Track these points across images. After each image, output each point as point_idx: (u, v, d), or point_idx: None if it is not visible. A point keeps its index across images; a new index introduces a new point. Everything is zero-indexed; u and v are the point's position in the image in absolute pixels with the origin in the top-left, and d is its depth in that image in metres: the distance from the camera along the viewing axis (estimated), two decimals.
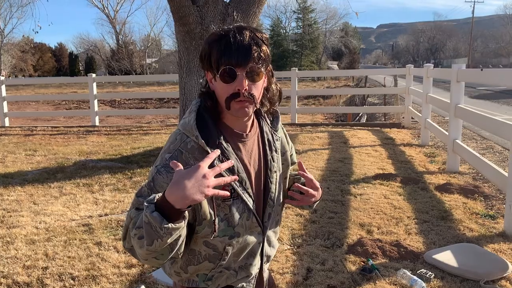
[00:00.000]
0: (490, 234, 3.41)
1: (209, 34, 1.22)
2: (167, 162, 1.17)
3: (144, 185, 1.20)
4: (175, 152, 1.19)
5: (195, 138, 1.19)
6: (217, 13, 5.50)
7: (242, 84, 1.15)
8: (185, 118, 1.24)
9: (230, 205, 1.23)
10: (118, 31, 52.51)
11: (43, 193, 4.76)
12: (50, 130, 9.93)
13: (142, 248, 1.08)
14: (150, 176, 1.20)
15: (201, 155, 1.17)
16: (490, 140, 7.34)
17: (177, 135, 1.22)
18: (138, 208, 1.14)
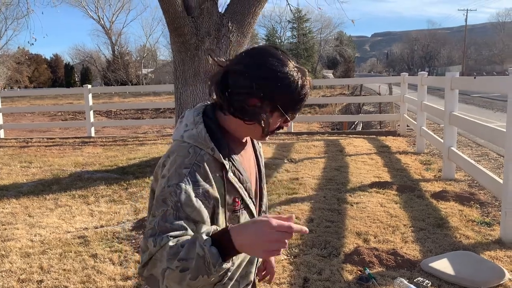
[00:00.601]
0: (487, 241, 3.42)
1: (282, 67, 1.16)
2: (188, 179, 1.12)
3: (167, 208, 1.10)
4: (192, 167, 1.14)
5: (210, 150, 1.16)
6: (212, 23, 5.53)
7: (288, 125, 1.33)
8: (191, 130, 1.19)
9: (239, 216, 1.24)
10: (113, 42, 52.70)
11: (38, 205, 4.74)
12: (45, 141, 9.90)
13: (182, 282, 1.01)
14: (171, 195, 1.11)
15: (216, 168, 1.17)
16: (485, 147, 7.38)
17: (189, 148, 1.17)
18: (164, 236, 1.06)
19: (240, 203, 1.23)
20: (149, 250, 1.06)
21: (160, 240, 1.05)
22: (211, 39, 5.54)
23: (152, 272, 1.08)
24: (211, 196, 1.15)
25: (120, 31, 55.73)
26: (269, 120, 1.19)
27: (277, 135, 9.51)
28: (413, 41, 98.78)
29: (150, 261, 1.07)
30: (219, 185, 1.17)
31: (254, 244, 0.98)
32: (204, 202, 1.13)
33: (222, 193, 1.18)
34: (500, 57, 67.37)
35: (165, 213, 1.10)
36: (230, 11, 5.63)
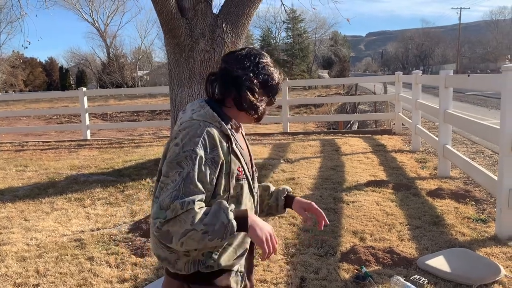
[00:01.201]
0: (482, 238, 3.43)
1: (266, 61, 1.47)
2: (200, 145, 1.31)
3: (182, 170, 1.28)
4: (204, 136, 1.32)
5: (217, 123, 1.38)
6: (206, 25, 5.53)
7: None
8: (198, 111, 1.39)
9: (242, 184, 1.42)
10: (108, 44, 52.53)
11: (34, 209, 4.72)
12: (41, 145, 9.86)
13: (200, 241, 1.24)
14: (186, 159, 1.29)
15: (223, 139, 1.37)
16: (480, 145, 7.41)
17: (199, 122, 1.36)
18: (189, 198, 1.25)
19: (242, 173, 1.42)
20: (175, 210, 1.23)
21: (187, 204, 1.24)
22: (205, 40, 5.53)
23: (170, 229, 1.24)
24: (217, 162, 1.33)
25: (115, 33, 55.47)
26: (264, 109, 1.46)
27: (273, 135, 9.52)
28: (408, 40, 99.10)
29: (172, 220, 1.24)
30: (226, 154, 1.36)
31: (259, 230, 1.31)
32: (211, 166, 1.32)
33: (228, 161, 1.37)
34: (494, 55, 67.70)
35: (187, 175, 1.28)
36: (224, 12, 5.63)
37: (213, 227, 1.23)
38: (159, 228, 1.25)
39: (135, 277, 2.98)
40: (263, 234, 1.31)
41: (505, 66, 3.44)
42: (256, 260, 3.14)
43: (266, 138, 9.30)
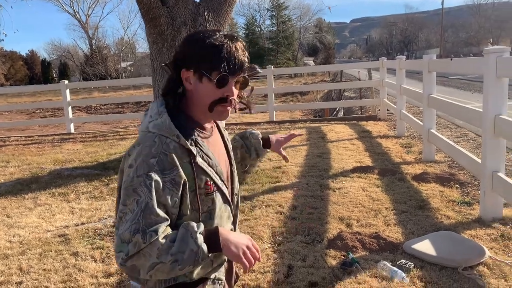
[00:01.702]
0: (467, 220, 3.47)
1: (200, 35, 1.25)
2: (156, 168, 1.17)
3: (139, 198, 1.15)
4: (160, 156, 1.18)
5: (175, 137, 1.21)
6: (187, 13, 5.44)
7: (233, 91, 1.26)
8: (155, 120, 1.24)
9: (213, 198, 1.29)
10: (91, 35, 51.64)
11: (17, 205, 4.63)
12: (23, 140, 9.68)
13: (170, 272, 1.15)
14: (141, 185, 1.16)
15: (183, 154, 1.22)
16: (464, 128, 7.48)
17: (154, 137, 1.21)
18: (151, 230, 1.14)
19: (213, 186, 1.28)
20: (138, 244, 1.13)
21: (150, 236, 1.13)
22: (187, 29, 5.44)
23: (136, 263, 1.15)
24: (178, 183, 1.20)
25: (97, 24, 54.45)
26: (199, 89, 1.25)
27: (259, 124, 9.47)
28: (392, 25, 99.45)
29: (136, 254, 1.14)
30: (188, 171, 1.22)
31: (234, 247, 1.19)
32: (172, 189, 1.19)
33: (192, 178, 1.23)
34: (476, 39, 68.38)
35: (145, 205, 1.15)
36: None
37: (182, 256, 1.14)
38: (123, 264, 1.15)
39: (121, 272, 2.95)
40: (239, 249, 1.20)
41: (487, 49, 3.44)
42: None
43: (252, 127, 9.26)
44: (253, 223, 3.62)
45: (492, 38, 65.04)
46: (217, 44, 1.21)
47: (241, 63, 1.25)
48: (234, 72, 1.24)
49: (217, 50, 1.21)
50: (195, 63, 1.22)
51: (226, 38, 1.24)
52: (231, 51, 1.23)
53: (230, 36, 1.26)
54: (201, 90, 1.24)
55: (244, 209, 3.97)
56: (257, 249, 1.24)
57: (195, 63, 1.22)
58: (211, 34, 1.24)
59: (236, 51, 1.23)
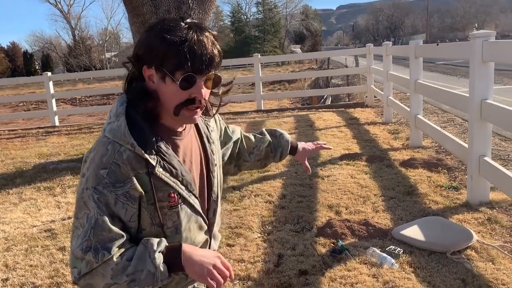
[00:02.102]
0: (455, 205, 3.49)
1: (162, 27, 1.09)
2: (106, 180, 1.06)
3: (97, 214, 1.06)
4: (111, 166, 1.07)
5: (130, 146, 1.08)
6: (171, 1, 5.33)
7: (201, 92, 1.11)
8: (112, 123, 1.11)
9: (178, 212, 1.18)
10: (73, 26, 50.79)
11: (1, 200, 4.55)
12: (7, 134, 9.50)
13: None
14: (90, 200, 1.06)
15: (139, 164, 1.09)
16: (450, 113, 7.53)
17: (107, 144, 1.09)
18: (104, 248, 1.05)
19: (177, 198, 1.16)
20: (90, 263, 1.05)
21: (102, 255, 1.04)
22: None
23: (90, 282, 1.06)
24: (133, 196, 1.09)
25: (79, 14, 53.73)
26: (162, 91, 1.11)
27: (247, 113, 9.42)
28: (378, 11, 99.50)
29: (89, 273, 1.05)
30: (145, 182, 1.10)
31: (198, 266, 1.08)
32: (126, 202, 1.08)
33: (149, 190, 1.11)
34: (462, 24, 68.86)
35: (96, 222, 1.06)
36: None
37: (139, 276, 1.04)
38: (76, 283, 1.09)
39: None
40: (203, 269, 1.08)
41: (472, 34, 3.43)
42: (233, 240, 3.11)
43: (240, 116, 9.21)
44: (242, 213, 3.61)
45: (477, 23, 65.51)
46: (181, 38, 1.06)
47: (209, 59, 1.09)
48: (202, 71, 1.09)
49: (181, 46, 1.05)
50: (157, 60, 1.08)
51: (190, 30, 1.08)
52: (198, 46, 1.07)
53: (196, 27, 1.10)
54: (165, 91, 1.10)
55: (233, 199, 3.94)
56: (228, 267, 1.13)
57: (157, 60, 1.08)
58: (174, 26, 1.08)
59: (203, 45, 1.07)
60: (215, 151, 1.33)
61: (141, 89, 1.12)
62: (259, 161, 1.62)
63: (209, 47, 1.09)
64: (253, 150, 1.60)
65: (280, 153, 1.63)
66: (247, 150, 1.60)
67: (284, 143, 1.64)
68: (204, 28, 1.12)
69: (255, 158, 1.61)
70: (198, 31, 1.09)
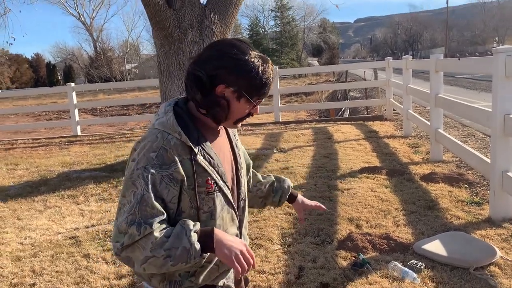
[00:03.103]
0: (477, 220, 3.46)
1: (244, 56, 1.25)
2: (154, 161, 1.20)
3: (136, 190, 1.18)
4: (159, 150, 1.21)
5: (177, 134, 1.23)
6: (194, 15, 5.46)
7: (258, 110, 1.34)
8: (161, 118, 1.27)
9: (214, 198, 1.29)
10: (95, 38, 51.90)
11: (27, 207, 4.67)
12: (31, 142, 9.75)
13: (162, 267, 1.16)
14: (139, 178, 1.19)
15: (184, 151, 1.23)
16: (471, 128, 7.46)
17: (158, 133, 1.24)
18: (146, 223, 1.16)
19: (213, 185, 1.29)
20: (132, 236, 1.15)
21: (144, 229, 1.15)
22: (194, 31, 5.47)
23: (130, 255, 1.17)
24: (176, 179, 1.22)
25: (101, 27, 54.70)
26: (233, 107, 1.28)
27: (264, 125, 9.49)
28: (396, 25, 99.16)
29: (131, 246, 1.16)
30: (187, 167, 1.24)
31: (227, 249, 1.19)
32: (169, 184, 1.21)
33: (191, 175, 1.24)
34: (482, 38, 68.03)
35: (141, 197, 1.18)
36: (212, 2, 5.55)
37: (175, 252, 1.15)
38: (118, 254, 1.18)
39: (133, 273, 2.96)
40: (231, 253, 1.19)
41: (496, 49, 3.43)
42: (253, 251, 3.14)
43: (258, 128, 9.28)
44: (262, 224, 3.64)
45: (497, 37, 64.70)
46: (265, 72, 1.27)
47: (270, 88, 1.35)
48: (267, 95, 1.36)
49: (265, 80, 1.28)
50: (240, 85, 1.25)
51: (264, 63, 1.28)
52: (272, 80, 1.31)
53: (266, 60, 1.30)
54: (235, 107, 1.29)
55: (252, 210, 3.98)
56: (252, 256, 1.23)
57: (241, 85, 1.25)
58: (254, 58, 1.26)
59: (273, 77, 1.32)
60: (242, 156, 1.47)
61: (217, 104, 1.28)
62: (260, 198, 1.69)
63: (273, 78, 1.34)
64: (256, 184, 1.68)
65: (280, 195, 1.69)
66: (252, 181, 1.68)
67: (285, 188, 1.70)
68: (268, 59, 1.33)
69: (257, 193, 1.68)
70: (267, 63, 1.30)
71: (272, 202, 1.71)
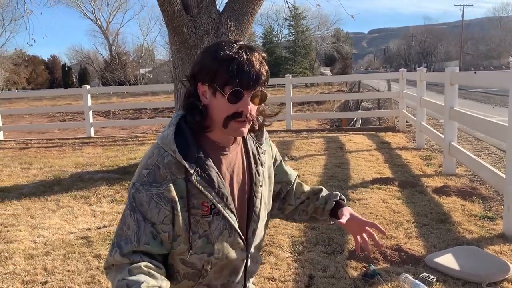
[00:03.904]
0: (490, 235, 3.42)
1: (215, 48, 1.18)
2: (145, 179, 1.16)
3: (125, 207, 1.19)
4: (152, 168, 1.17)
5: (172, 152, 1.17)
6: (210, 22, 5.52)
7: (247, 107, 1.18)
8: (164, 131, 1.22)
9: (210, 222, 1.21)
10: (111, 42, 52.58)
11: (40, 206, 4.73)
12: (45, 142, 9.88)
13: None
14: (129, 195, 1.19)
15: (178, 170, 1.17)
16: (485, 142, 7.39)
17: (155, 149, 1.21)
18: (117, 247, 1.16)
19: (209, 208, 1.21)
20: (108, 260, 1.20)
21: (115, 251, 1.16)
22: (210, 37, 5.52)
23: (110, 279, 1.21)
24: (167, 198, 1.16)
25: (117, 31, 55.49)
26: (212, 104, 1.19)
27: (276, 132, 9.50)
28: (410, 37, 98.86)
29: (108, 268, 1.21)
30: (181, 188, 1.17)
31: None
32: (160, 203, 1.16)
33: (184, 196, 1.18)
34: (497, 52, 67.48)
35: (124, 220, 1.18)
36: (229, 9, 5.61)
37: None
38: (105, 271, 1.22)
39: None
40: None
41: None
42: (263, 258, 3.14)
43: (270, 135, 9.18)
44: (273, 231, 3.64)
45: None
46: (231, 56, 1.14)
47: (256, 76, 1.16)
48: (249, 86, 1.16)
49: (230, 63, 1.14)
50: (209, 77, 1.16)
51: (242, 49, 1.17)
52: (246, 64, 1.15)
53: (247, 47, 1.19)
54: (215, 105, 1.19)
55: None
56: None
57: (210, 77, 1.16)
58: (227, 46, 1.17)
59: (252, 63, 1.15)
60: (262, 173, 1.35)
61: (191, 104, 1.22)
62: (303, 211, 1.54)
63: (257, 66, 1.16)
64: (300, 195, 1.55)
65: (326, 200, 1.52)
66: (294, 194, 1.55)
67: (333, 194, 1.54)
68: (254, 49, 1.20)
69: (302, 206, 1.55)
70: (247, 51, 1.17)
71: (315, 210, 1.53)
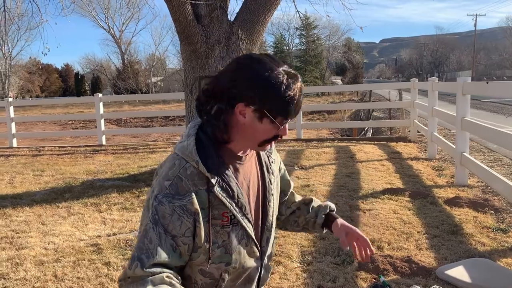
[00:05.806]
0: (503, 248, 3.37)
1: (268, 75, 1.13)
2: (167, 191, 1.15)
3: (147, 220, 1.15)
4: (174, 179, 1.16)
5: (195, 163, 1.16)
6: (222, 32, 5.56)
7: (286, 132, 1.22)
8: (182, 142, 1.20)
9: (229, 232, 1.22)
10: (123, 51, 53.17)
11: (51, 213, 4.77)
12: (57, 150, 9.99)
13: None
14: (150, 206, 1.16)
15: (200, 181, 1.16)
16: (497, 153, 7.30)
17: (175, 159, 1.19)
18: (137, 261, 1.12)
19: (229, 219, 1.21)
20: (125, 272, 1.14)
21: (136, 266, 1.11)
22: (221, 47, 5.57)
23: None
24: (190, 210, 1.15)
25: (130, 40, 56.03)
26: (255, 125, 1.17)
27: (286, 141, 9.50)
28: (422, 46, 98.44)
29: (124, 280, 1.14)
30: (203, 199, 1.17)
31: None
32: (182, 215, 1.14)
33: (206, 207, 1.17)
34: (510, 62, 66.85)
35: (144, 228, 1.15)
36: (240, 19, 5.66)
37: None
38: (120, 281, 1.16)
39: None
40: None
41: None
42: (272, 268, 3.13)
43: (280, 144, 9.28)
44: (282, 241, 3.62)
45: None
46: (291, 92, 1.14)
47: (300, 109, 1.20)
48: (296, 116, 1.20)
49: (292, 102, 1.15)
50: (261, 103, 1.13)
51: (290, 78, 1.15)
52: (300, 102, 1.18)
53: (293, 76, 1.17)
54: (258, 128, 1.17)
55: None
56: None
57: (262, 103, 1.13)
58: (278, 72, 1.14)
59: (301, 94, 1.18)
60: (273, 181, 1.36)
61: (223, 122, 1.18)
62: (295, 222, 1.56)
63: (301, 97, 1.19)
64: (291, 205, 1.56)
65: (316, 212, 1.51)
66: (286, 204, 1.56)
67: (324, 206, 1.53)
68: (298, 76, 1.19)
69: (293, 217, 1.56)
70: (295, 80, 1.17)
71: (305, 220, 1.53)
